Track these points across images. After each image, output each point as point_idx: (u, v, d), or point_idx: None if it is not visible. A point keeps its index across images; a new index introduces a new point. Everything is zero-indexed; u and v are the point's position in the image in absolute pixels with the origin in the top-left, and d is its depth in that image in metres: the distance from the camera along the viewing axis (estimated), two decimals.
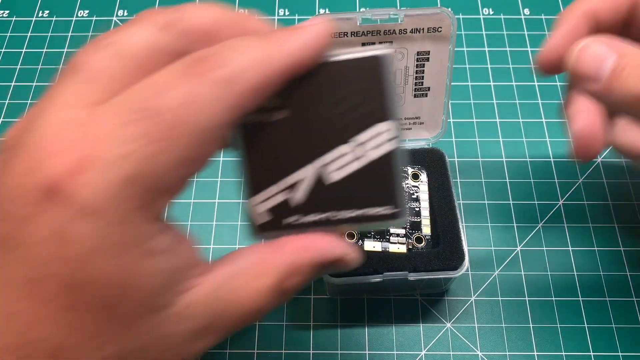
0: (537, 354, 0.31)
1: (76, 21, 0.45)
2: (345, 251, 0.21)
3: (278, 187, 0.21)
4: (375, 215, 0.21)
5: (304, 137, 0.21)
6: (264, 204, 0.21)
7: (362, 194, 0.21)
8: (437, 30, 0.29)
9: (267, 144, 0.21)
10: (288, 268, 0.20)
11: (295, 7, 0.45)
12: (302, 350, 0.32)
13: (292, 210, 0.21)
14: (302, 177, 0.21)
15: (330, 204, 0.21)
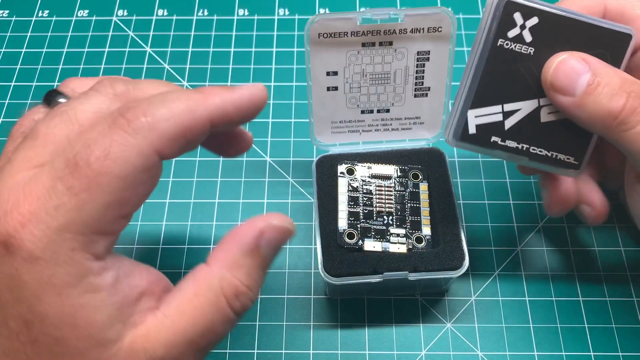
0: (537, 354, 0.31)
1: (76, 21, 0.45)
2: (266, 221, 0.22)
3: (498, 108, 0.25)
4: (558, 160, 0.26)
5: (540, 75, 0.25)
6: (479, 119, 0.25)
7: (559, 139, 0.26)
8: (437, 30, 0.29)
9: (506, 68, 0.25)
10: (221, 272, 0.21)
11: (295, 7, 0.45)
12: (302, 350, 0.32)
13: (499, 132, 0.25)
14: (522, 107, 0.25)
15: (530, 138, 0.26)
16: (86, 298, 0.19)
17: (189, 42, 0.44)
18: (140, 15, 0.45)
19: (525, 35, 0.24)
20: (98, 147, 0.19)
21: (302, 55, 0.43)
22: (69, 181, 0.19)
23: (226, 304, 0.21)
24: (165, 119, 0.20)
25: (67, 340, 0.19)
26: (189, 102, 0.20)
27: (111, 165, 0.19)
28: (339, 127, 0.33)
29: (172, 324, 0.20)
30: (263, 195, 0.37)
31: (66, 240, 0.19)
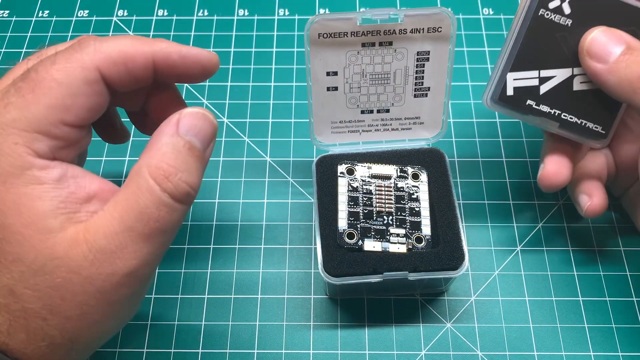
0: (537, 354, 0.31)
1: (76, 21, 0.45)
2: (189, 109, 0.24)
3: (536, 73, 0.27)
4: (586, 128, 0.28)
5: (576, 46, 0.27)
6: (517, 82, 0.27)
7: (589, 108, 0.28)
8: (437, 30, 0.29)
9: (544, 37, 0.27)
10: (146, 158, 0.22)
11: (295, 7, 0.45)
12: (302, 350, 0.32)
13: (534, 96, 0.28)
14: (556, 74, 0.27)
15: (562, 104, 0.28)
16: (29, 188, 0.21)
17: (189, 42, 0.44)
18: (141, 16, 0.45)
19: (565, 8, 0.26)
20: (48, 59, 0.22)
21: (302, 55, 0.43)
22: (19, 84, 0.22)
23: (156, 186, 0.22)
24: (111, 46, 0.23)
25: (11, 226, 0.21)
26: (138, 40, 0.24)
27: (55, 73, 0.22)
28: (339, 127, 0.33)
29: (109, 215, 0.22)
30: (263, 195, 0.37)
31: (10, 135, 0.21)
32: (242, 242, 0.35)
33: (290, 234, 0.35)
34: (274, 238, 0.35)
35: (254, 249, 0.35)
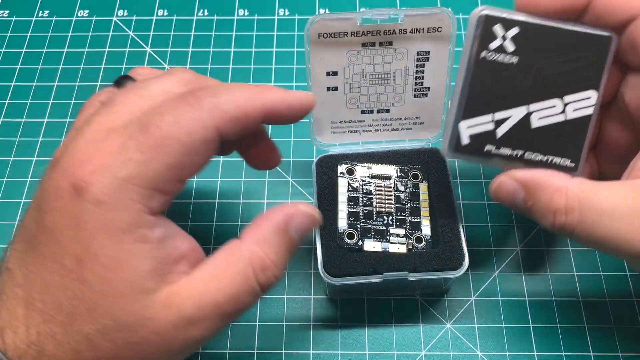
0: (537, 354, 0.31)
1: (76, 21, 0.45)
2: (295, 207, 0.24)
3: (490, 117, 0.26)
4: (554, 164, 0.26)
5: (526, 83, 0.25)
6: (471, 129, 0.26)
7: (553, 143, 0.26)
8: (437, 30, 0.29)
9: (492, 79, 0.25)
10: (252, 246, 0.23)
11: (295, 7, 0.45)
12: (302, 351, 0.32)
13: (492, 140, 0.26)
14: (512, 115, 0.25)
15: (524, 144, 0.26)
16: (135, 246, 0.21)
17: (189, 42, 0.44)
18: (141, 16, 0.45)
19: (508, 46, 0.25)
20: (168, 115, 0.22)
21: (302, 55, 0.43)
22: (139, 139, 0.21)
23: (253, 275, 0.23)
24: (228, 102, 0.23)
25: (111, 282, 0.21)
26: (249, 92, 0.24)
27: (177, 132, 0.22)
28: (339, 127, 0.33)
29: (203, 286, 0.22)
30: (263, 195, 0.37)
31: (128, 190, 0.21)
32: None
33: None
34: None
35: None
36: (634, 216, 0.23)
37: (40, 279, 0.21)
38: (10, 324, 0.21)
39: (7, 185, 0.38)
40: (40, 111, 0.41)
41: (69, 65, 0.43)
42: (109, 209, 0.21)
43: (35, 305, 0.21)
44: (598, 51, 0.25)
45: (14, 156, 0.39)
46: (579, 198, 0.23)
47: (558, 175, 0.24)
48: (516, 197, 0.25)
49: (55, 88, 0.42)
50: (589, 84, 0.25)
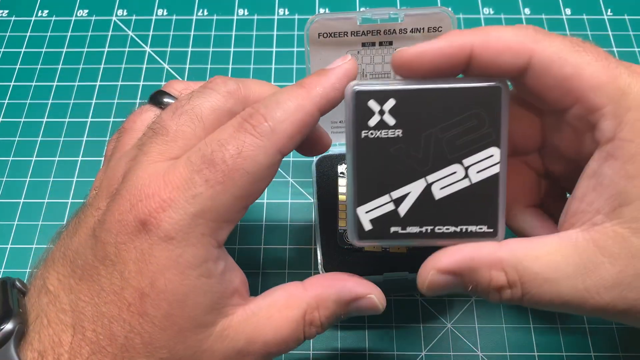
0: (538, 354, 0.31)
1: (75, 21, 0.45)
2: (368, 291, 0.25)
3: (387, 198, 0.23)
4: (471, 232, 0.23)
5: (417, 153, 0.23)
6: (370, 214, 0.23)
7: (464, 211, 0.23)
8: (438, 29, 0.29)
9: (380, 157, 0.23)
10: (313, 301, 0.24)
11: (295, 7, 0.45)
12: (302, 351, 0.32)
13: (396, 221, 0.23)
14: (410, 190, 0.23)
15: (431, 219, 0.23)
16: (200, 281, 0.21)
17: (188, 41, 0.43)
18: (140, 15, 0.45)
19: (388, 120, 0.23)
20: (232, 147, 0.22)
21: (302, 55, 0.43)
22: (206, 174, 0.21)
23: (302, 327, 0.23)
24: (283, 121, 0.22)
25: (173, 317, 0.21)
26: (297, 99, 0.23)
27: (243, 163, 0.22)
28: (339, 127, 0.33)
29: (257, 323, 0.23)
30: (263, 195, 0.37)
31: (199, 225, 0.21)
32: (242, 243, 0.35)
33: (290, 234, 0.35)
34: (274, 238, 0.35)
35: (254, 249, 0.35)
36: (578, 276, 0.21)
37: (93, 309, 0.21)
38: (52, 350, 0.21)
39: (6, 185, 0.38)
40: (40, 111, 0.41)
41: (68, 65, 0.43)
42: (179, 245, 0.21)
43: (85, 334, 0.21)
44: (489, 104, 0.22)
45: (13, 156, 0.39)
46: (517, 269, 0.21)
47: (483, 247, 0.22)
48: (454, 286, 0.22)
49: (54, 88, 0.42)
50: (488, 141, 0.22)
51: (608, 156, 0.22)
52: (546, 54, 0.22)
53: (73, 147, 0.39)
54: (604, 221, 0.22)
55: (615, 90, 0.21)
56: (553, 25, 0.44)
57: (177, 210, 0.21)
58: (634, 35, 0.43)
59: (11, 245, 0.35)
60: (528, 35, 0.22)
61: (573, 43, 0.22)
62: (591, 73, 0.22)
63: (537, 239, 0.23)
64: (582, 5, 0.45)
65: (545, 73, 0.22)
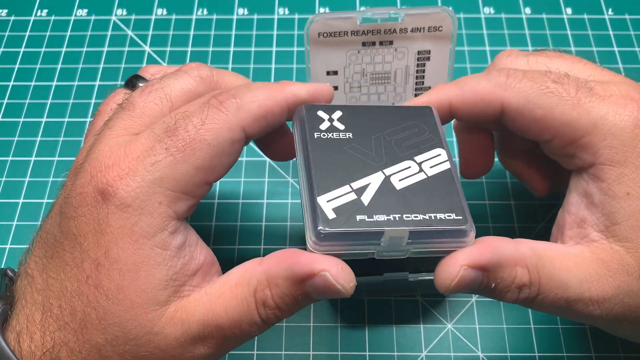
0: (538, 354, 0.31)
1: (75, 20, 0.45)
2: (321, 267, 0.20)
3: (348, 188, 0.23)
4: (441, 219, 0.22)
5: (370, 151, 0.24)
6: (333, 202, 0.22)
7: (429, 200, 0.23)
8: (438, 29, 0.29)
9: (335, 154, 0.24)
10: (262, 277, 0.21)
11: (295, 6, 0.45)
12: (302, 352, 0.31)
13: (361, 209, 0.22)
14: (370, 182, 0.23)
15: (397, 207, 0.23)
16: (154, 252, 0.21)
17: (188, 41, 0.43)
18: (140, 15, 0.45)
19: (338, 125, 0.24)
20: (195, 118, 0.22)
21: (302, 54, 0.43)
22: (167, 142, 0.21)
23: (255, 306, 0.21)
24: (251, 102, 0.23)
25: (125, 290, 0.20)
26: (270, 89, 0.24)
27: (205, 134, 0.22)
28: None
29: (210, 304, 0.21)
30: (263, 195, 0.37)
31: (156, 194, 0.21)
32: (242, 243, 0.35)
33: (290, 234, 0.35)
34: (274, 238, 0.35)
35: (253, 250, 0.35)
36: (585, 284, 0.22)
37: (59, 285, 0.21)
38: (27, 329, 0.21)
39: (5, 185, 0.37)
40: (39, 111, 0.40)
41: (67, 64, 0.43)
42: (135, 213, 0.21)
43: (52, 311, 0.21)
44: (425, 118, 0.25)
45: (12, 156, 0.39)
46: (537, 268, 0.22)
47: (505, 244, 0.22)
48: (477, 284, 0.22)
49: (53, 88, 0.41)
50: (432, 143, 0.24)
51: (594, 178, 0.23)
52: (515, 100, 0.24)
53: (72, 147, 0.39)
54: (600, 238, 0.23)
55: (587, 124, 0.23)
56: (554, 24, 0.44)
57: (135, 177, 0.21)
58: (635, 35, 0.43)
59: (10, 245, 0.35)
60: (499, 84, 0.25)
61: (542, 85, 0.24)
62: (560, 112, 0.24)
63: (547, 243, 0.24)
64: (583, 4, 0.45)
65: (518, 117, 0.24)
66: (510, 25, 0.44)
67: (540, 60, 0.26)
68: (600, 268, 0.22)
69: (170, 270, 0.21)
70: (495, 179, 0.37)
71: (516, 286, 0.22)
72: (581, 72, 0.25)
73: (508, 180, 0.37)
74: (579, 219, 0.24)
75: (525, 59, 0.27)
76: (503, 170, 0.37)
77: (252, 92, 0.23)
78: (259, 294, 0.21)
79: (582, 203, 0.24)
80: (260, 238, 0.35)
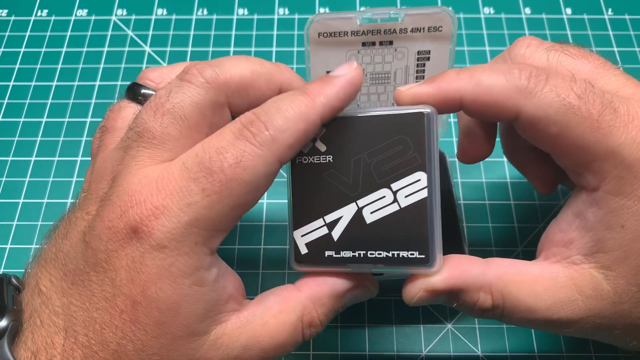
0: (538, 354, 0.31)
1: (75, 20, 0.45)
2: (359, 282, 0.24)
3: (321, 222, 0.24)
4: (403, 258, 0.23)
5: (347, 178, 0.23)
6: (306, 237, 0.24)
7: (395, 237, 0.23)
8: (438, 29, 0.29)
9: (313, 182, 0.24)
10: (308, 302, 0.23)
11: (295, 6, 0.45)
12: (302, 352, 0.31)
13: (330, 245, 0.24)
14: (343, 214, 0.23)
15: (364, 243, 0.23)
16: (193, 290, 0.21)
17: (188, 41, 0.43)
18: (140, 15, 0.45)
19: (319, 146, 0.24)
20: (230, 156, 0.21)
21: (302, 54, 0.43)
22: (203, 183, 0.21)
23: (301, 329, 0.23)
24: (284, 130, 0.22)
25: (165, 325, 0.21)
26: (300, 108, 0.22)
27: (241, 173, 0.21)
28: None
29: (253, 330, 0.22)
30: (263, 195, 0.37)
31: (192, 234, 0.21)
32: (242, 243, 0.35)
33: None
34: (274, 238, 0.35)
35: (253, 250, 0.35)
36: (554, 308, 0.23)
37: (85, 314, 0.21)
38: (45, 351, 0.21)
39: (5, 185, 0.37)
40: (39, 111, 0.40)
41: (67, 64, 0.43)
42: (172, 254, 0.21)
43: (77, 338, 0.21)
44: (413, 130, 0.23)
45: (12, 156, 0.39)
46: (502, 294, 0.23)
47: (473, 268, 0.24)
48: (439, 301, 0.24)
49: (53, 88, 0.41)
50: (414, 166, 0.23)
51: (593, 203, 0.23)
52: (532, 112, 0.22)
53: (72, 147, 0.39)
54: (582, 262, 0.23)
55: (603, 149, 0.22)
56: (553, 24, 0.44)
57: (171, 218, 0.20)
58: (635, 35, 0.43)
59: (10, 245, 0.35)
60: (519, 89, 0.22)
61: (565, 99, 0.22)
62: (578, 134, 0.22)
63: (522, 264, 0.24)
64: (583, 4, 0.45)
65: (531, 128, 0.23)
66: (510, 25, 0.44)
67: (563, 59, 0.25)
68: (572, 292, 0.23)
69: (208, 304, 0.22)
70: (495, 179, 0.37)
71: (478, 308, 0.23)
72: (606, 81, 0.24)
73: (508, 180, 0.37)
74: (567, 239, 0.24)
75: (545, 54, 0.25)
76: (503, 170, 0.37)
77: (283, 115, 0.22)
78: (307, 317, 0.23)
79: (574, 223, 0.24)
80: (260, 238, 0.35)
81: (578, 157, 0.23)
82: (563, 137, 0.22)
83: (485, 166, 0.37)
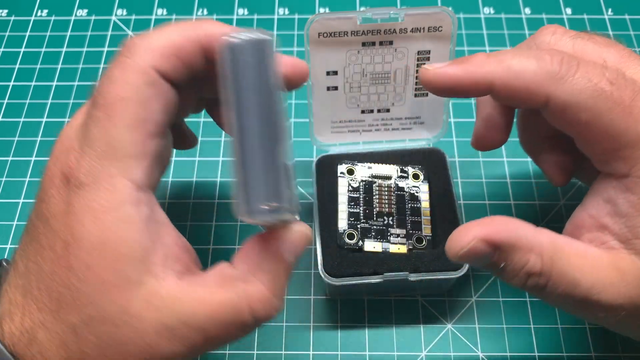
0: (538, 354, 0.31)
1: (75, 20, 0.45)
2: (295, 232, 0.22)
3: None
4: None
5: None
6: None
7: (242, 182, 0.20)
8: (438, 29, 0.29)
9: None
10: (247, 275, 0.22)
11: (295, 6, 0.45)
12: (302, 352, 0.31)
13: None
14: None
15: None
16: (118, 227, 0.20)
17: None
18: (140, 15, 0.45)
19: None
20: (104, 77, 0.21)
21: (302, 54, 0.42)
22: (92, 113, 0.21)
23: (247, 309, 0.21)
24: (159, 39, 0.22)
25: (94, 268, 0.20)
26: (181, 26, 0.22)
27: (115, 88, 0.21)
28: (339, 127, 0.33)
29: (191, 306, 0.21)
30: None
31: (104, 167, 0.21)
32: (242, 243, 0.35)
33: None
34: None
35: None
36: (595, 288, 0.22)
37: (37, 268, 0.21)
38: (9, 311, 0.21)
39: (5, 185, 0.37)
40: (39, 111, 0.40)
41: (68, 65, 0.43)
42: (91, 190, 0.20)
43: (32, 293, 0.21)
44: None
45: (12, 156, 0.39)
46: (552, 260, 0.22)
47: (525, 228, 0.22)
48: (486, 260, 0.22)
49: (53, 88, 0.41)
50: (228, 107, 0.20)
51: (626, 189, 0.22)
52: (563, 98, 0.22)
53: None
54: (620, 247, 0.22)
55: (633, 137, 0.22)
56: None
57: (85, 156, 0.21)
58: (635, 35, 0.43)
59: (10, 245, 0.35)
60: (550, 75, 0.22)
61: (597, 85, 0.22)
62: (609, 121, 0.22)
63: (569, 239, 0.23)
64: (583, 4, 0.45)
65: (561, 115, 0.22)
66: (510, 26, 0.44)
67: (589, 47, 0.24)
68: (615, 276, 0.22)
69: (137, 247, 0.20)
70: (495, 179, 0.37)
71: (525, 272, 0.22)
72: (634, 70, 0.23)
73: (508, 180, 0.37)
74: (600, 223, 0.23)
75: (571, 42, 0.24)
76: (503, 170, 0.37)
77: (161, 32, 0.22)
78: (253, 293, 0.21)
79: (605, 209, 0.23)
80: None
81: (608, 144, 0.22)
82: (593, 123, 0.22)
83: (485, 166, 0.37)
